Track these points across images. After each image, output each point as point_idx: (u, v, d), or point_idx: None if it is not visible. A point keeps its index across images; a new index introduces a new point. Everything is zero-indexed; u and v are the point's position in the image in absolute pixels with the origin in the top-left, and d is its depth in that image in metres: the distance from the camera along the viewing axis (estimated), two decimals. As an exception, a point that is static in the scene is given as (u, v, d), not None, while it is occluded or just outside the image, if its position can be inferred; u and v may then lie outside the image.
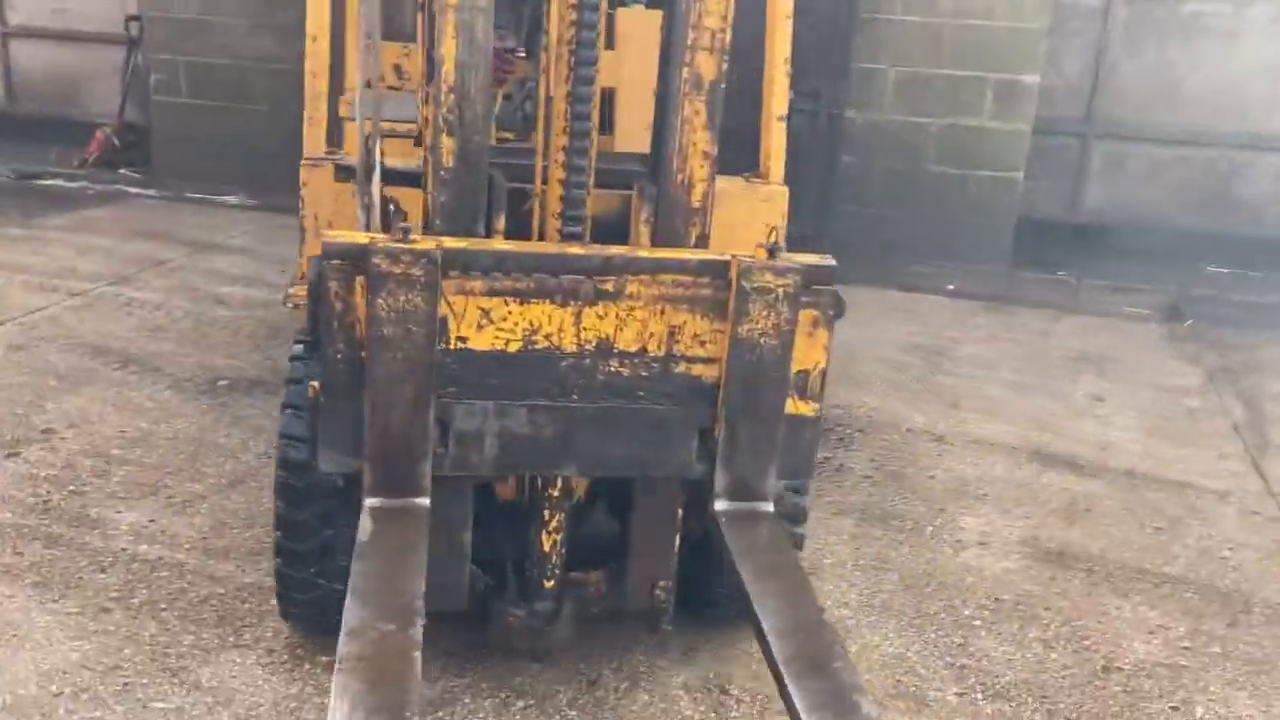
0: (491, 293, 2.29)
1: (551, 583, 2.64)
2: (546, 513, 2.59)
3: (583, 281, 2.31)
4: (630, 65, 3.18)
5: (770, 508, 2.46)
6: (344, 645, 1.90)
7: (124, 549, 3.25)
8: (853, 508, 3.87)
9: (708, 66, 2.40)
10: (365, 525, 2.26)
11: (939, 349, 5.60)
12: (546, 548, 2.61)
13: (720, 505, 2.44)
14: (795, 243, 3.52)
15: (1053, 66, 6.95)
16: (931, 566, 3.53)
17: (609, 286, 2.32)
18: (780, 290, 2.30)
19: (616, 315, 2.34)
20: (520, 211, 2.60)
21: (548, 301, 2.31)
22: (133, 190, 7.82)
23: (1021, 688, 2.97)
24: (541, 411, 2.38)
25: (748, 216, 3.00)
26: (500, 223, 2.57)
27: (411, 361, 2.26)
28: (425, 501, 2.34)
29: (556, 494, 2.58)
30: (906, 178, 6.77)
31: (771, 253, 2.33)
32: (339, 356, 2.25)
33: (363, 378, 2.23)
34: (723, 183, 2.87)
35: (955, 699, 2.91)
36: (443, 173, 2.40)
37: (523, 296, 2.30)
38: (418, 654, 1.91)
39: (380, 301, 2.20)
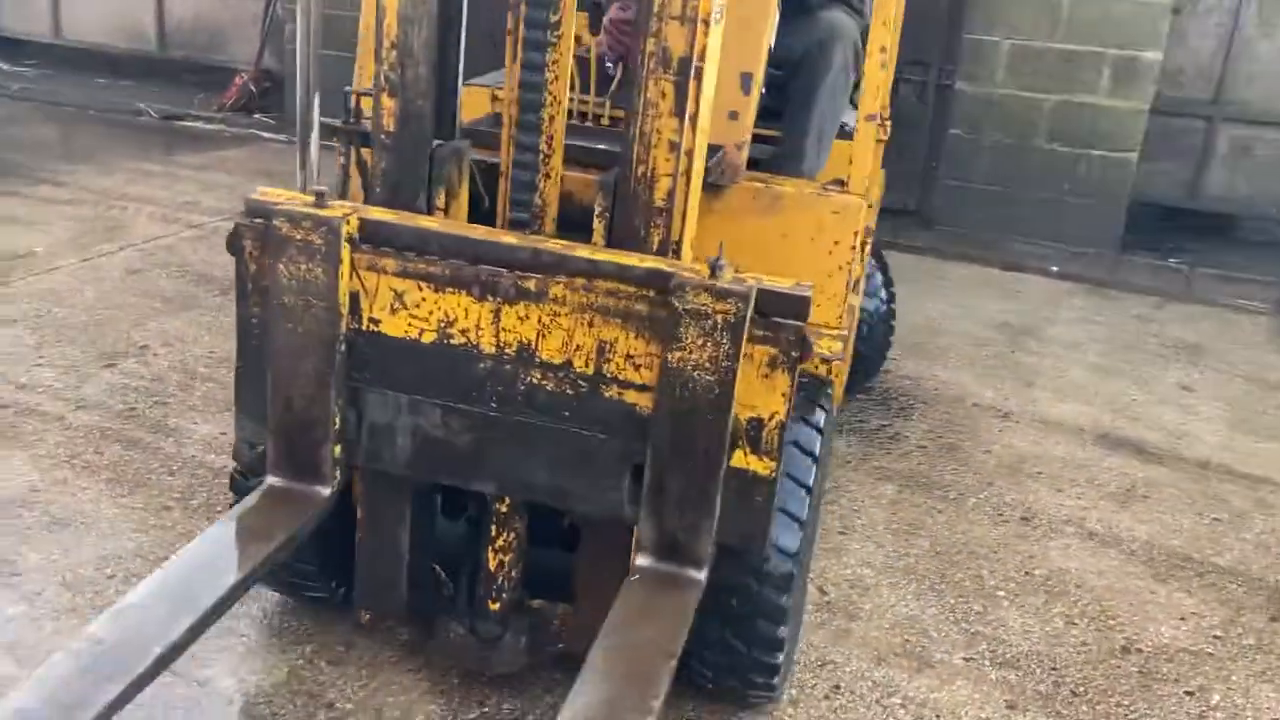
0: (404, 274, 2.08)
1: (497, 605, 2.41)
2: (494, 528, 2.35)
3: (502, 275, 2.06)
4: (722, 40, 2.85)
5: (701, 576, 2.12)
6: (84, 629, 1.76)
7: (193, 456, 3.50)
8: (898, 474, 3.87)
9: (677, 39, 2.02)
10: (244, 503, 2.17)
11: (1027, 328, 5.49)
12: (493, 566, 2.38)
13: (641, 560, 2.12)
14: (897, 216, 3.52)
15: (1181, 45, 6.66)
16: (966, 537, 3.52)
17: (531, 285, 2.05)
18: (719, 317, 1.96)
19: (539, 319, 2.07)
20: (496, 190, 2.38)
21: (464, 293, 2.07)
22: (265, 134, 8.22)
23: (1033, 658, 2.96)
24: (456, 415, 2.15)
25: (813, 230, 2.62)
26: (453, 198, 2.33)
27: (312, 336, 2.11)
28: (325, 490, 2.19)
29: (504, 509, 2.34)
30: (1016, 153, 6.61)
31: (713, 270, 1.99)
32: (252, 320, 2.16)
33: None
34: (788, 186, 2.65)
35: (961, 662, 2.92)
36: (383, 136, 2.20)
37: (437, 283, 2.08)
38: (151, 658, 1.73)
39: (281, 267, 2.07)
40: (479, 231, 2.15)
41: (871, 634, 3.00)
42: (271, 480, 2.21)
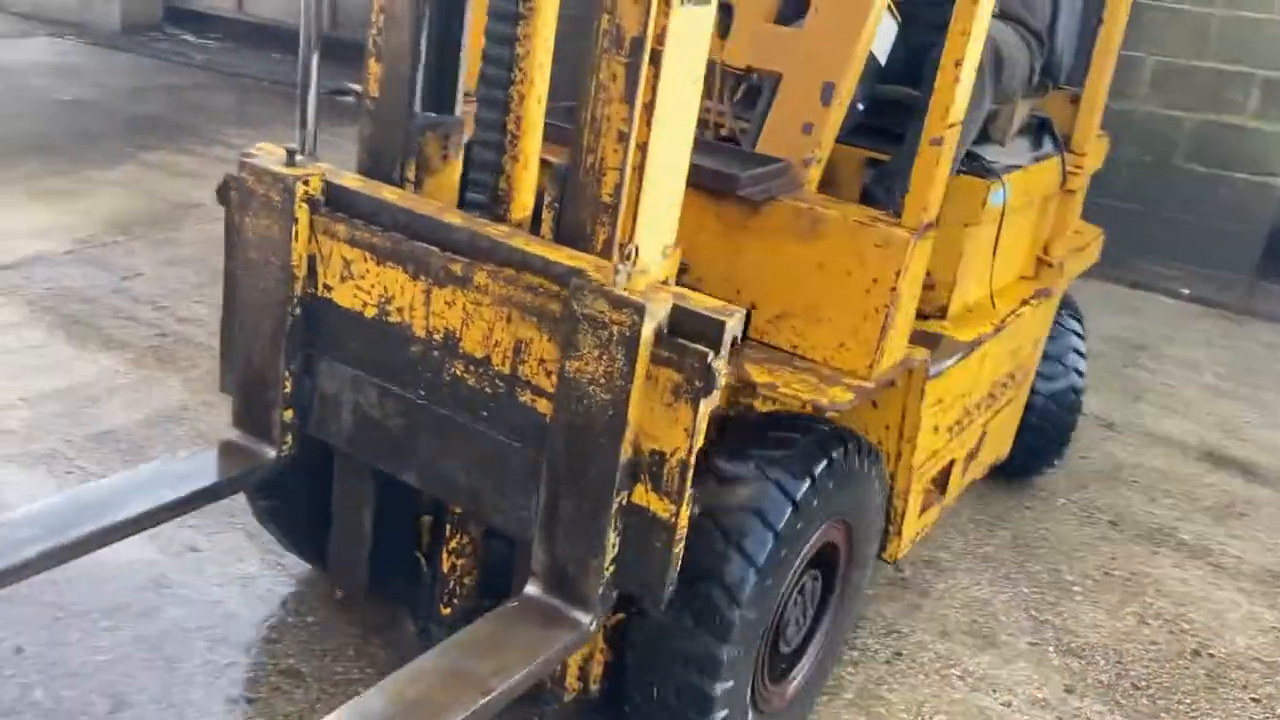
0: (353, 242, 2.02)
1: (448, 610, 2.29)
2: (448, 527, 2.23)
3: (433, 255, 1.94)
4: (810, 45, 2.43)
5: (585, 620, 1.88)
6: None
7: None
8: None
9: (631, 17, 1.78)
10: (196, 451, 2.21)
11: (1144, 345, 5.45)
12: (445, 569, 2.27)
13: (530, 588, 1.92)
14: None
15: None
16: (1049, 533, 3.58)
17: (457, 269, 1.92)
18: (615, 328, 1.74)
19: (464, 307, 1.93)
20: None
21: (401, 269, 1.98)
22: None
23: (1099, 650, 3.02)
24: (391, 398, 2.07)
25: (851, 263, 2.28)
26: (430, 173, 2.19)
27: (268, 295, 2.10)
28: (271, 452, 2.18)
29: (459, 509, 2.19)
30: (1154, 172, 6.51)
31: (616, 273, 1.78)
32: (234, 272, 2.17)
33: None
34: (831, 210, 2.32)
35: (1027, 646, 3.00)
36: (368, 102, 2.13)
37: (379, 255, 2.00)
38: None
39: (248, 222, 2.08)
40: (428, 208, 2.04)
41: (941, 611, 3.10)
42: (232, 435, 2.22)
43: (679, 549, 1.87)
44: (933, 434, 2.73)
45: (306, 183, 2.05)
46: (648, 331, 1.74)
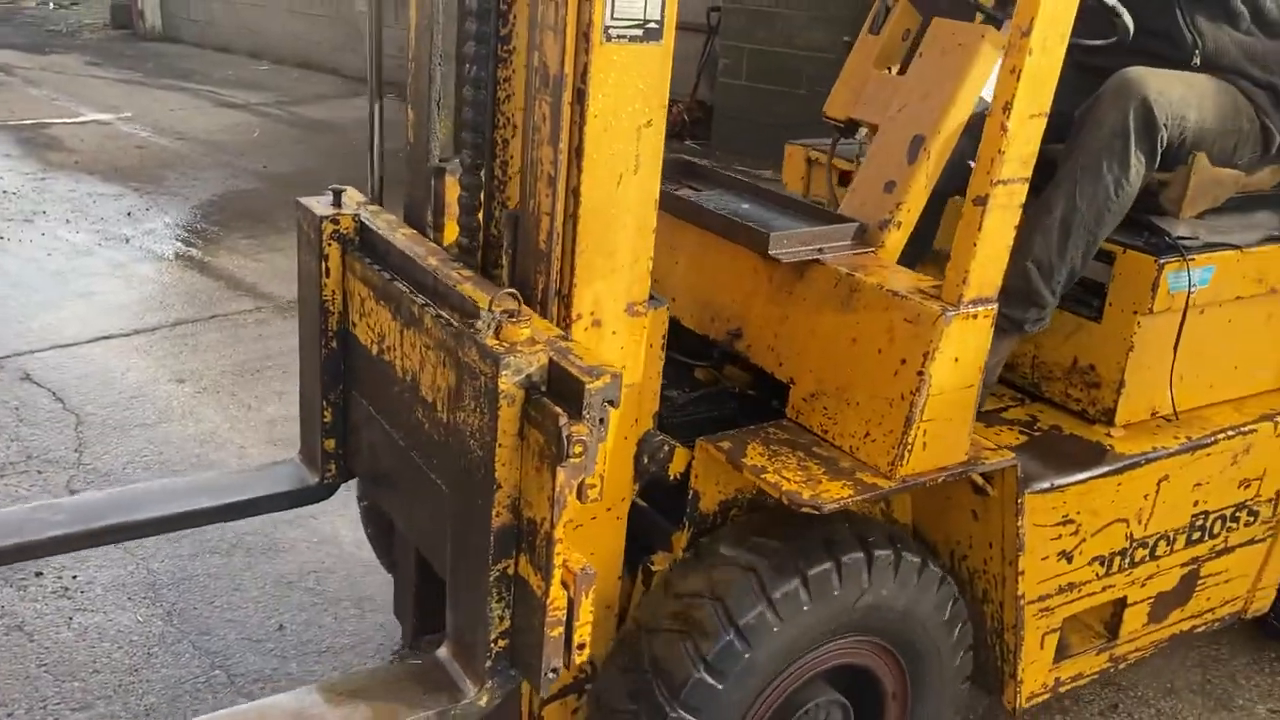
0: (365, 280, 2.05)
1: None
2: None
3: (404, 296, 1.89)
4: (907, 94, 2.16)
5: (473, 694, 1.74)
6: None
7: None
8: None
9: (552, 53, 1.67)
10: (258, 467, 2.28)
11: None
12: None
13: (442, 650, 1.83)
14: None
15: None
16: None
17: (415, 310, 1.85)
18: (484, 380, 1.62)
19: (420, 349, 1.85)
20: None
21: (388, 308, 1.97)
22: (690, 160, 8.96)
23: (1352, 725, 2.79)
24: (386, 438, 2.02)
25: (882, 339, 1.96)
26: (451, 218, 2.11)
27: (309, 327, 2.17)
28: (312, 479, 2.24)
29: None
30: None
31: (489, 320, 1.66)
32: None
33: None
34: (870, 277, 2.00)
35: (1266, 713, 2.81)
36: (406, 148, 2.14)
37: (376, 295, 2.01)
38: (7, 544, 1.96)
39: (300, 257, 2.17)
40: (418, 249, 2.00)
41: (1170, 667, 2.95)
42: (297, 455, 2.33)
43: (557, 631, 1.68)
44: (1055, 561, 2.29)
45: (336, 222, 2.11)
46: (507, 385, 1.60)
